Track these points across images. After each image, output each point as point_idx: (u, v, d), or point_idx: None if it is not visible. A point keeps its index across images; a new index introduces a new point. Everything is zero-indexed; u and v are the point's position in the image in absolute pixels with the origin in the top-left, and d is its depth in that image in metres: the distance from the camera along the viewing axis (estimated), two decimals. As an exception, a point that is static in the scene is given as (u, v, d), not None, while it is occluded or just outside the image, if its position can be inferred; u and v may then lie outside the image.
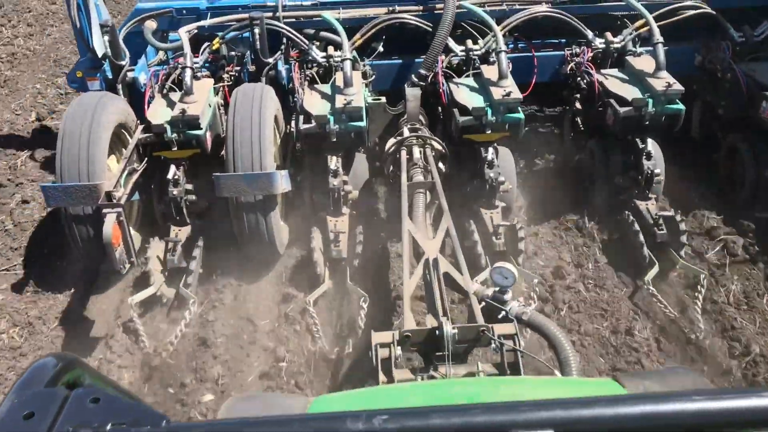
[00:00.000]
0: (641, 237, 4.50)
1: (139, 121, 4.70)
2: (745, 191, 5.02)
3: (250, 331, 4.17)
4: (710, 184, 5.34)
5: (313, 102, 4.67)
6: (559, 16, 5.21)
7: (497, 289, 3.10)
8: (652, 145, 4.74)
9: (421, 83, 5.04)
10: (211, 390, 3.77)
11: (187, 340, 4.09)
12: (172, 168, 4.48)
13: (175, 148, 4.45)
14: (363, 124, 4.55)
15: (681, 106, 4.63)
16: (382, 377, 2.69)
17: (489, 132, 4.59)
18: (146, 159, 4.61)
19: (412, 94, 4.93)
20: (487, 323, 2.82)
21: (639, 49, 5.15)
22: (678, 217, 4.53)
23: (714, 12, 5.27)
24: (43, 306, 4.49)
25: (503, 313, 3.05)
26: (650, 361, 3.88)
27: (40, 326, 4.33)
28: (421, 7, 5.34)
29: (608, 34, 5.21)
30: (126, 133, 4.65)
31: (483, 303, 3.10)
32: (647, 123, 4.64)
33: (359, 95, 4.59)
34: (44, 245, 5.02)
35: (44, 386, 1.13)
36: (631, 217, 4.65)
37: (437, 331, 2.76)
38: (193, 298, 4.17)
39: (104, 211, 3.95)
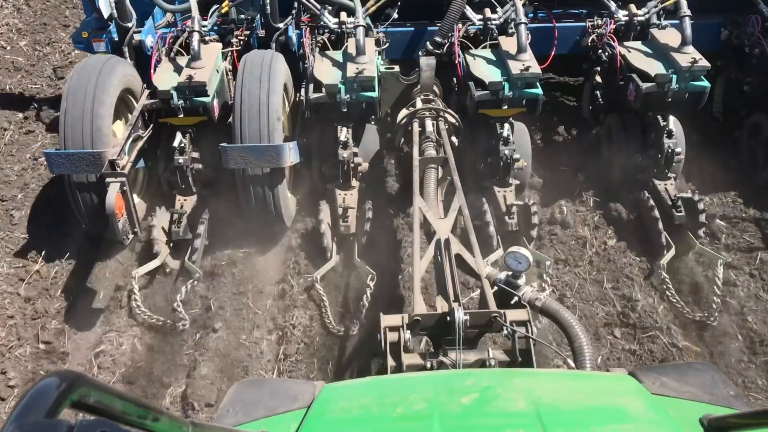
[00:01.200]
0: (659, 218, 4.37)
1: (145, 86, 4.57)
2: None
3: (255, 306, 4.09)
4: (731, 163, 5.18)
5: (324, 70, 4.52)
6: (581, -16, 5.02)
7: (510, 273, 3.00)
8: (673, 122, 4.58)
9: (437, 52, 4.88)
10: (211, 367, 3.72)
11: (192, 314, 4.02)
12: (178, 135, 4.37)
13: (182, 115, 4.33)
14: (375, 94, 4.40)
15: (706, 83, 4.46)
16: (390, 361, 2.62)
17: (505, 107, 4.44)
18: (152, 125, 4.49)
19: (427, 63, 4.77)
20: (499, 308, 2.74)
21: (664, 22, 4.95)
22: (697, 199, 4.40)
23: (745, -16, 5.06)
24: (46, 273, 4.43)
25: (516, 298, 2.96)
26: (664, 347, 3.79)
27: (43, 298, 4.29)
28: None
29: (632, 6, 5.00)
30: (132, 98, 4.53)
31: (495, 287, 3.00)
32: (670, 100, 4.48)
33: (372, 64, 4.44)
34: (49, 209, 4.95)
35: (45, 415, 1.02)
36: (649, 197, 4.52)
37: (448, 317, 2.67)
38: (198, 272, 4.10)
39: (107, 180, 3.85)
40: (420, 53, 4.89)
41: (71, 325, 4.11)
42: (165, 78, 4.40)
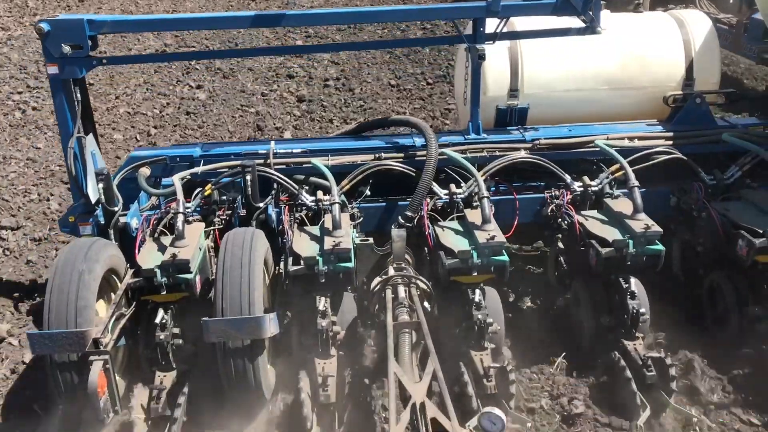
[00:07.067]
0: (631, 378, 4.47)
1: (129, 265, 4.75)
2: (730, 328, 5.05)
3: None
4: (695, 321, 5.37)
5: (303, 244, 4.78)
6: (537, 161, 5.47)
7: (487, 435, 3.06)
8: (635, 284, 4.81)
9: (407, 225, 5.19)
10: None
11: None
12: (160, 312, 4.48)
13: (164, 292, 4.47)
14: (351, 264, 4.62)
15: (661, 246, 4.76)
16: None
17: (475, 274, 4.67)
18: (134, 303, 4.61)
19: (398, 235, 5.06)
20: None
21: (616, 192, 5.36)
22: (666, 358, 4.52)
23: (685, 157, 5.55)
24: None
25: (494, 461, 3.00)
26: None
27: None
28: (403, 154, 5.60)
29: (585, 178, 5.45)
30: (115, 278, 4.68)
31: (473, 451, 3.05)
32: (629, 263, 4.75)
33: (347, 237, 4.71)
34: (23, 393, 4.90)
35: None
36: (620, 358, 4.63)
37: (427, 485, 2.70)
38: (177, 453, 4.04)
39: (91, 358, 3.90)
40: (392, 227, 5.19)
41: None
42: (149, 257, 4.60)
